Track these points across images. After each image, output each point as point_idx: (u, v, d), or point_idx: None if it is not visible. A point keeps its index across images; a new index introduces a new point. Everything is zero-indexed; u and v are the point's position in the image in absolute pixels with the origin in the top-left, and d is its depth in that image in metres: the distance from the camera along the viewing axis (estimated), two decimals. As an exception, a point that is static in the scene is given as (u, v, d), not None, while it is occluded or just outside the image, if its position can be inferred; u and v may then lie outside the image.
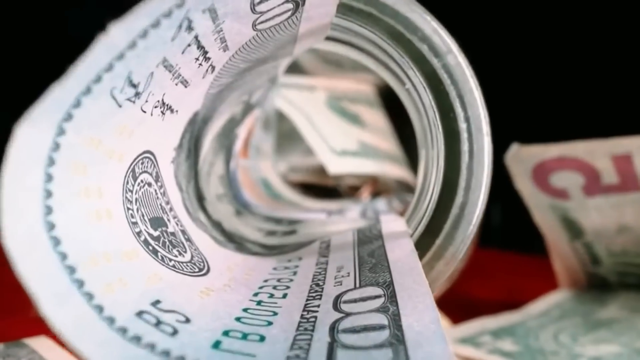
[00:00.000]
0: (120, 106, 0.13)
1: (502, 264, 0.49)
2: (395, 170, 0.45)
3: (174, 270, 0.15)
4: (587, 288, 0.41)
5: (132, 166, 0.15)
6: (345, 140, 0.44)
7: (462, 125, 0.18)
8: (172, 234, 0.17)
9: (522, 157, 0.34)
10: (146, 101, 0.14)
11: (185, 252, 0.17)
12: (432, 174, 0.19)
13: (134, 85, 0.13)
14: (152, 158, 0.17)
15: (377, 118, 0.51)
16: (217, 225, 0.21)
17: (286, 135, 0.52)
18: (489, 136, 0.18)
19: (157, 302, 0.13)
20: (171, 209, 0.17)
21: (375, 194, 0.45)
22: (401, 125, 0.55)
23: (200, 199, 0.21)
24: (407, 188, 0.49)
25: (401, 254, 0.17)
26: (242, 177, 0.31)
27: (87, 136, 0.12)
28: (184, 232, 0.18)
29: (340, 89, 0.52)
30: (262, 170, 0.38)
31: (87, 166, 0.12)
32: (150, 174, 0.16)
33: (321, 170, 0.49)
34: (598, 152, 0.32)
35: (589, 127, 0.35)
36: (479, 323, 0.34)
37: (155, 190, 0.17)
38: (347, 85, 0.53)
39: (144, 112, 0.14)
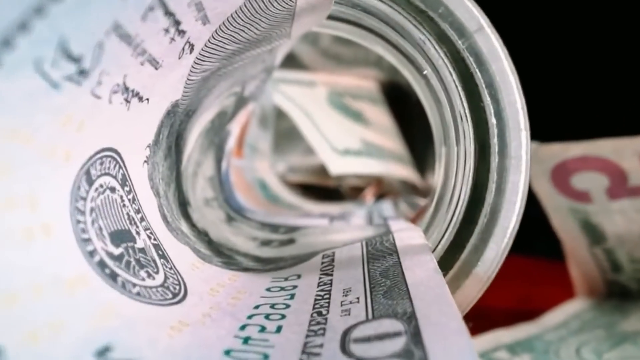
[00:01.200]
0: (56, 87, 0.09)
1: (514, 268, 0.46)
2: (401, 171, 0.42)
3: (138, 300, 0.11)
4: (606, 296, 0.37)
5: (85, 167, 0.11)
6: (348, 138, 0.41)
7: (494, 119, 0.15)
8: (141, 250, 0.13)
9: (541, 157, 0.30)
10: (99, 83, 0.10)
11: (157, 272, 0.13)
12: (458, 176, 0.16)
13: (75, 59, 0.09)
14: (117, 157, 0.13)
15: (381, 115, 0.48)
16: (203, 236, 0.18)
17: (285, 133, 0.49)
18: (527, 131, 0.15)
19: (106, 350, 0.09)
20: (142, 219, 0.14)
21: (380, 195, 0.42)
22: (406, 123, 0.52)
23: (183, 204, 0.18)
24: (412, 189, 0.46)
25: (422, 274, 0.13)
26: (235, 178, 0.27)
27: (7, 127, 0.09)
28: (157, 246, 0.14)
29: (342, 85, 0.49)
30: (258, 170, 0.34)
31: (11, 168, 0.09)
32: (114, 177, 0.13)
33: (322, 171, 0.45)
34: (626, 151, 0.29)
35: (614, 124, 0.31)
36: (493, 336, 0.31)
37: (121, 197, 0.13)
38: (349, 81, 0.50)
39: (98, 97, 0.11)
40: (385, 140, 0.44)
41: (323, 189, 0.47)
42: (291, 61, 0.48)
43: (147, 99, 0.13)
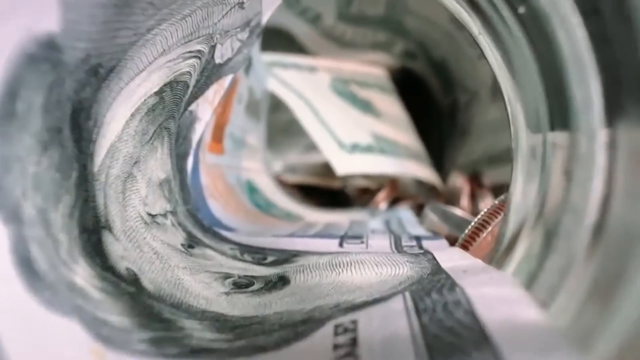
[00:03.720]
0: None
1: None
2: (419, 170, 0.34)
3: None
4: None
5: None
6: (356, 131, 0.33)
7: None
8: None
9: None
10: None
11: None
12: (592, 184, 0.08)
13: None
14: None
15: (392, 106, 0.40)
16: (125, 284, 0.10)
17: (282, 126, 0.40)
18: None
19: None
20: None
21: (394, 200, 0.34)
22: (419, 117, 0.44)
23: (93, 230, 0.10)
24: (430, 192, 0.38)
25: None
26: (209, 180, 0.19)
27: None
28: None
29: (347, 71, 0.41)
30: (246, 170, 0.26)
31: None
32: None
33: (325, 170, 0.37)
34: None
35: None
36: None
37: None
38: (354, 67, 0.42)
39: None
40: (399, 134, 0.36)
41: (326, 192, 0.39)
42: (287, 43, 0.40)
43: None
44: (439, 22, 0.38)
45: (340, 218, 0.26)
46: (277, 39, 0.38)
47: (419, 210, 0.30)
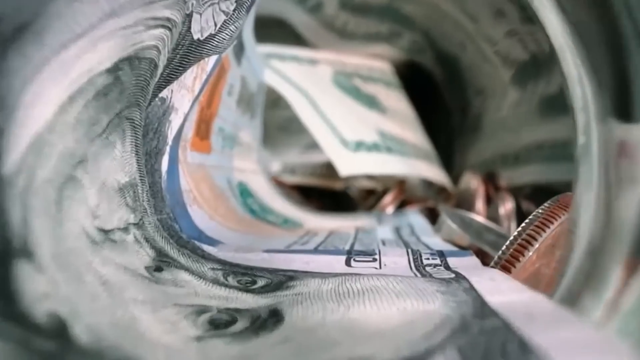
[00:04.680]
0: None
1: None
2: (429, 170, 0.30)
3: None
4: None
5: None
6: (361, 128, 0.29)
7: None
8: None
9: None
10: None
11: None
12: None
13: None
14: None
15: (398, 101, 0.37)
16: (29, 349, 0.07)
17: (280, 123, 0.37)
18: None
19: None
20: None
21: (401, 204, 0.31)
22: (425, 112, 0.40)
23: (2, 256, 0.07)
24: (440, 195, 0.35)
25: None
26: (191, 183, 0.16)
27: None
28: None
29: (350, 64, 0.37)
30: (238, 171, 0.23)
31: None
32: None
33: (327, 170, 0.34)
34: None
35: None
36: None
37: None
38: (357, 60, 0.38)
39: None
40: (407, 132, 0.33)
41: (327, 194, 0.36)
42: (285, 33, 0.37)
43: None
44: (449, 11, 0.35)
45: (344, 224, 0.22)
46: (274, 30, 0.35)
47: (428, 214, 0.27)
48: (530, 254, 0.11)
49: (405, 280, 0.11)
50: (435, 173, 0.31)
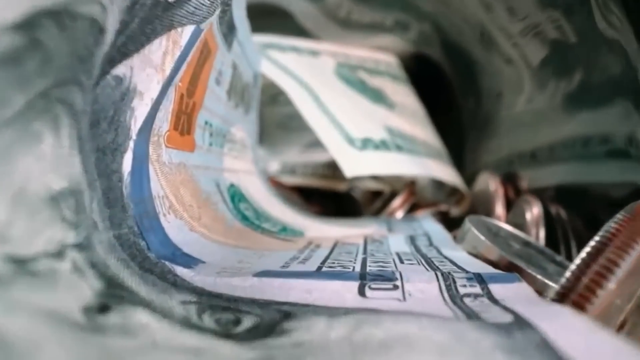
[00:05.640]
0: None
1: None
2: (441, 170, 0.27)
3: None
4: None
5: None
6: (368, 124, 0.26)
7: None
8: None
9: None
10: None
11: None
12: None
13: None
14: None
15: (406, 96, 0.34)
16: None
17: (280, 119, 0.34)
18: None
19: None
20: None
21: (412, 207, 0.28)
22: (434, 108, 0.37)
23: None
24: (449, 195, 0.31)
25: None
26: (166, 187, 0.13)
27: None
28: None
29: (354, 57, 0.34)
30: (230, 171, 0.20)
31: None
32: None
33: (329, 170, 0.31)
34: None
35: None
36: None
37: None
38: (361, 53, 0.35)
39: None
40: (416, 129, 0.29)
41: (329, 195, 0.33)
42: (286, 23, 0.33)
43: None
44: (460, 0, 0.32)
45: (350, 232, 0.19)
46: (272, 19, 0.32)
47: (441, 220, 0.24)
48: (611, 285, 0.08)
49: (446, 326, 0.07)
50: (448, 173, 0.28)
